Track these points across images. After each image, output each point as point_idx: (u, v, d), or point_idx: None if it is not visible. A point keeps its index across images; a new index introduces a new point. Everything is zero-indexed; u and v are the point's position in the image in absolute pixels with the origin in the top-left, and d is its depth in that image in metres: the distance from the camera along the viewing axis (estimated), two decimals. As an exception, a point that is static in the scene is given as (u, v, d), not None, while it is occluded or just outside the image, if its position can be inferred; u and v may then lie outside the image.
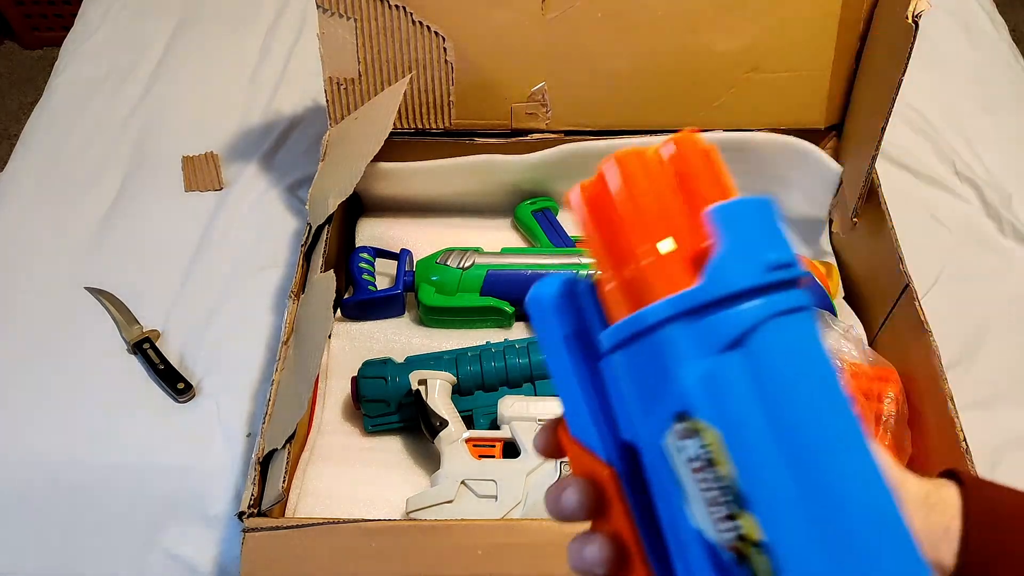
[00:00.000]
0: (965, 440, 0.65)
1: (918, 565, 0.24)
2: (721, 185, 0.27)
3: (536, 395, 0.76)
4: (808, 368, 0.25)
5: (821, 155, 0.88)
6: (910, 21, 0.71)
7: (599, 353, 0.29)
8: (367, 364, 0.78)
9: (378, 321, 0.86)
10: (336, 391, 0.80)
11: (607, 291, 0.28)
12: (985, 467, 0.73)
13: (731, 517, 0.24)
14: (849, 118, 0.89)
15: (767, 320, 0.25)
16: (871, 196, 0.84)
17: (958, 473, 0.37)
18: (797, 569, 0.23)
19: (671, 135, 0.28)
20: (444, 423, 0.72)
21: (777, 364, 0.25)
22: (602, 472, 0.29)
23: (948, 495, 0.36)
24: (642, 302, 0.26)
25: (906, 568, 0.24)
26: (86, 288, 0.90)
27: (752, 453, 0.24)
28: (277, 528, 0.60)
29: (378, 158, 0.83)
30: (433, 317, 0.85)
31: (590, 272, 0.30)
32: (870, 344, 0.81)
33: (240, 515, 0.62)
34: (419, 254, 0.89)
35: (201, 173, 1.01)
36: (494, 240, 0.91)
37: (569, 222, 0.92)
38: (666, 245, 0.26)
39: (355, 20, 0.84)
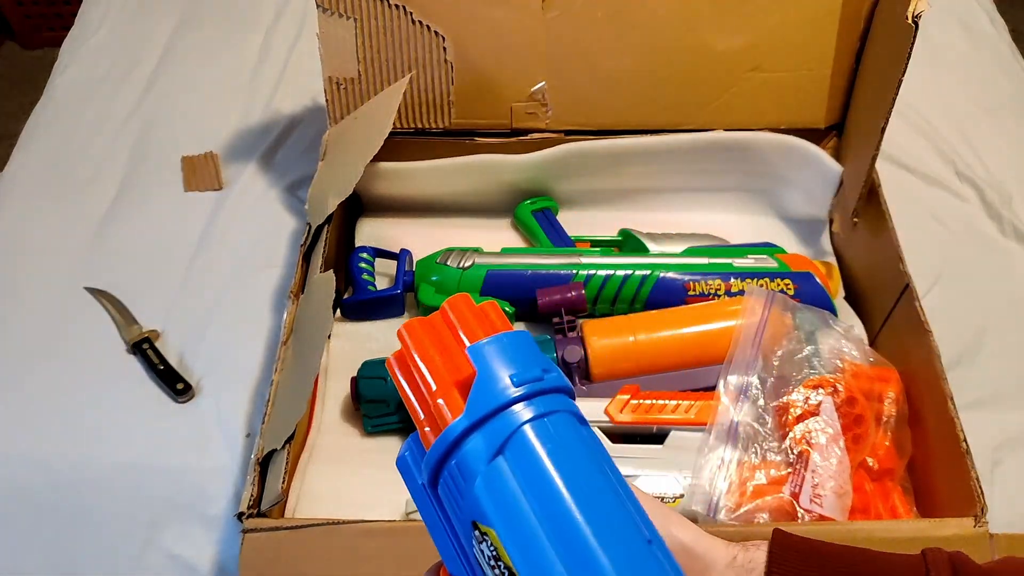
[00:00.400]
0: (965, 440, 0.65)
1: None
2: (489, 328, 0.33)
3: (536, 395, 0.76)
4: (565, 461, 0.29)
5: (821, 155, 0.88)
6: (910, 21, 0.71)
7: None
8: (366, 364, 0.78)
9: (378, 321, 0.86)
10: (336, 391, 0.80)
11: (425, 437, 0.33)
12: (985, 467, 0.73)
13: None
14: (849, 118, 0.89)
15: (520, 427, 0.29)
16: (871, 196, 0.84)
17: (776, 535, 0.44)
18: None
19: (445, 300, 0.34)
20: (444, 423, 0.72)
21: (533, 462, 0.29)
22: None
23: (756, 555, 0.42)
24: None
25: None
26: (85, 288, 0.90)
27: (519, 541, 0.28)
28: (276, 529, 0.60)
29: (378, 158, 0.83)
30: (433, 317, 0.85)
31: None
32: (870, 344, 0.81)
33: (239, 516, 0.62)
34: (419, 254, 0.89)
35: (201, 173, 1.01)
36: (494, 240, 0.90)
37: (569, 222, 0.92)
38: (439, 390, 0.31)
39: (355, 20, 0.84)
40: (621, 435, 0.71)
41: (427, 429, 0.33)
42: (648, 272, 0.82)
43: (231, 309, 0.88)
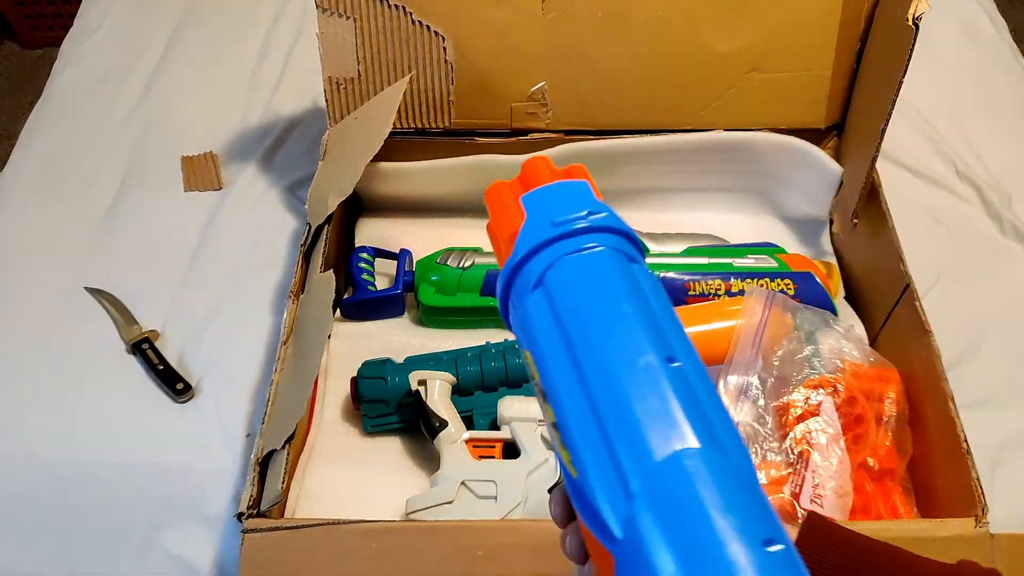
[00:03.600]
0: (966, 440, 0.65)
1: (676, 430, 0.29)
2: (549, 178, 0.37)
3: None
4: (589, 290, 0.32)
5: (821, 155, 0.88)
6: (910, 23, 0.71)
7: None
8: (366, 364, 0.78)
9: (378, 321, 0.86)
10: (335, 391, 0.80)
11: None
12: (985, 467, 0.73)
13: (545, 411, 0.32)
14: (849, 118, 0.89)
15: (554, 264, 0.33)
16: (872, 196, 0.84)
17: (811, 517, 0.45)
18: (571, 433, 0.30)
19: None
20: (444, 423, 0.72)
21: (564, 292, 0.32)
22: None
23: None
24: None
25: (664, 430, 0.29)
26: (85, 288, 0.90)
27: (545, 360, 0.32)
28: (276, 529, 0.60)
29: (378, 158, 0.83)
30: (433, 317, 0.85)
31: None
32: (871, 344, 0.81)
33: (239, 516, 0.62)
34: (419, 254, 0.89)
35: (200, 173, 1.01)
36: (494, 240, 0.90)
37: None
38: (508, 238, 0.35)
39: (355, 20, 0.84)
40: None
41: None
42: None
43: (231, 309, 0.88)
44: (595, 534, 0.28)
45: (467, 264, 0.85)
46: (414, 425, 0.76)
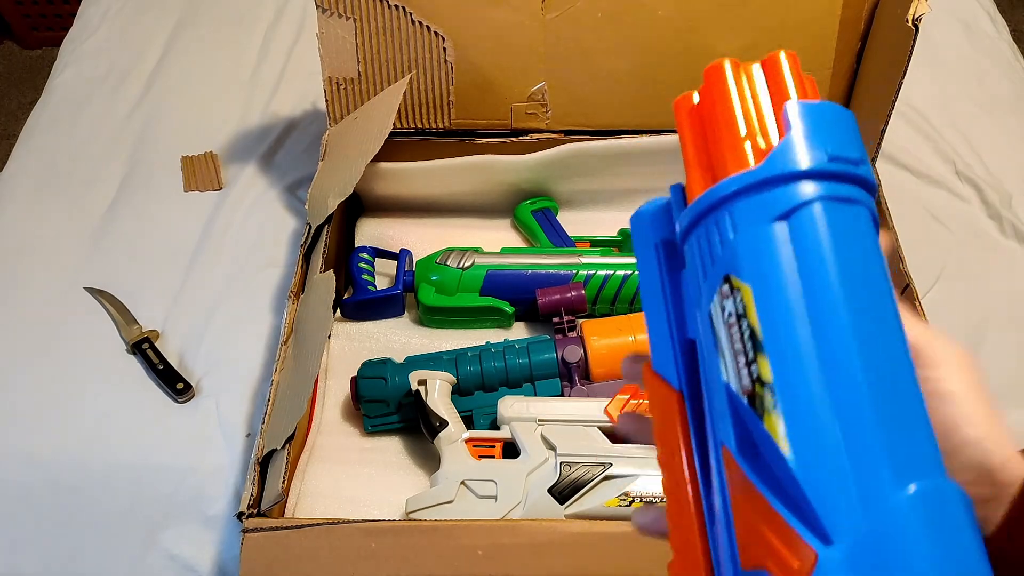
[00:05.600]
0: (965, 440, 0.65)
1: (921, 419, 0.26)
2: (806, 91, 0.30)
3: (536, 395, 0.76)
4: (847, 250, 0.27)
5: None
6: (910, 24, 0.71)
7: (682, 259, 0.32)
8: (367, 364, 0.78)
9: (378, 321, 0.86)
10: (336, 391, 0.80)
11: (697, 184, 0.30)
12: (985, 467, 0.73)
13: (748, 362, 0.27)
14: (849, 118, 0.89)
15: (816, 201, 0.27)
16: (871, 196, 0.84)
17: None
18: (799, 408, 0.26)
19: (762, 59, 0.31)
20: (444, 423, 0.72)
21: (817, 239, 0.27)
22: (670, 397, 0.32)
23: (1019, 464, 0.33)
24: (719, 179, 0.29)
25: (917, 448, 0.26)
26: (85, 288, 0.90)
27: (774, 305, 0.27)
28: (276, 528, 0.60)
29: (378, 158, 0.83)
30: (433, 317, 0.85)
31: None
32: (870, 344, 0.81)
33: (239, 515, 0.62)
34: (419, 254, 0.89)
35: (200, 173, 1.01)
36: (494, 240, 0.90)
37: (569, 222, 0.92)
38: (748, 135, 0.29)
39: (354, 20, 0.84)
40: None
41: (697, 173, 0.31)
42: (648, 272, 0.82)
43: (231, 309, 0.88)
44: (793, 524, 0.25)
45: (467, 264, 0.85)
46: (414, 425, 0.76)
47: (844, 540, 0.25)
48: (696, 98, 0.32)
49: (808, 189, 0.27)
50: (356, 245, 0.92)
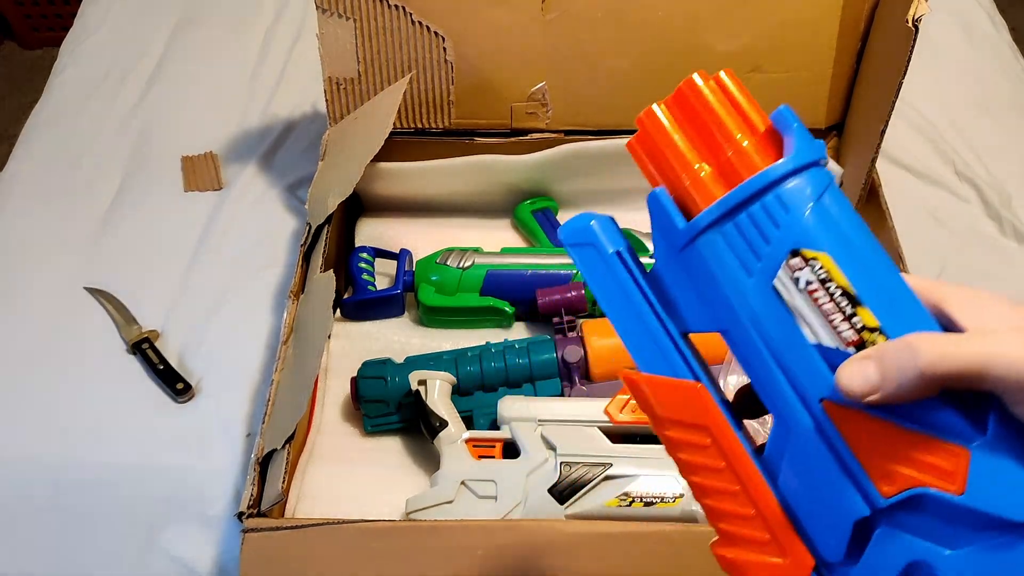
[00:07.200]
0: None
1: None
2: (751, 102, 0.36)
3: (536, 395, 0.76)
4: (857, 217, 0.33)
5: (821, 155, 0.88)
6: (910, 25, 0.71)
7: (663, 260, 0.35)
8: (367, 364, 0.78)
9: (378, 321, 0.86)
10: (336, 391, 0.80)
11: (696, 180, 0.34)
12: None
13: (848, 316, 0.31)
14: (850, 118, 0.89)
15: (832, 179, 0.33)
16: (871, 196, 0.84)
17: None
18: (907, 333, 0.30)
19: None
20: (444, 423, 0.72)
21: (846, 209, 0.32)
22: (689, 388, 0.35)
23: None
24: (742, 177, 0.33)
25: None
26: (85, 288, 0.90)
27: (858, 263, 0.31)
28: (276, 528, 0.60)
29: (378, 158, 0.83)
30: (433, 317, 0.85)
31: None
32: (870, 344, 0.81)
33: (239, 515, 0.62)
34: (419, 254, 0.89)
35: (200, 173, 1.01)
36: (494, 240, 0.90)
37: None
38: (745, 137, 0.34)
39: (354, 20, 0.84)
40: (621, 435, 0.71)
41: (706, 172, 0.34)
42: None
43: (231, 309, 0.88)
44: (936, 435, 0.29)
45: (467, 264, 0.85)
46: (414, 425, 0.76)
47: (986, 430, 0.29)
48: (660, 112, 0.36)
49: (829, 169, 0.33)
50: (356, 245, 0.92)
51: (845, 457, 0.31)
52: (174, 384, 0.81)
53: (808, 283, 0.31)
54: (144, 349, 0.84)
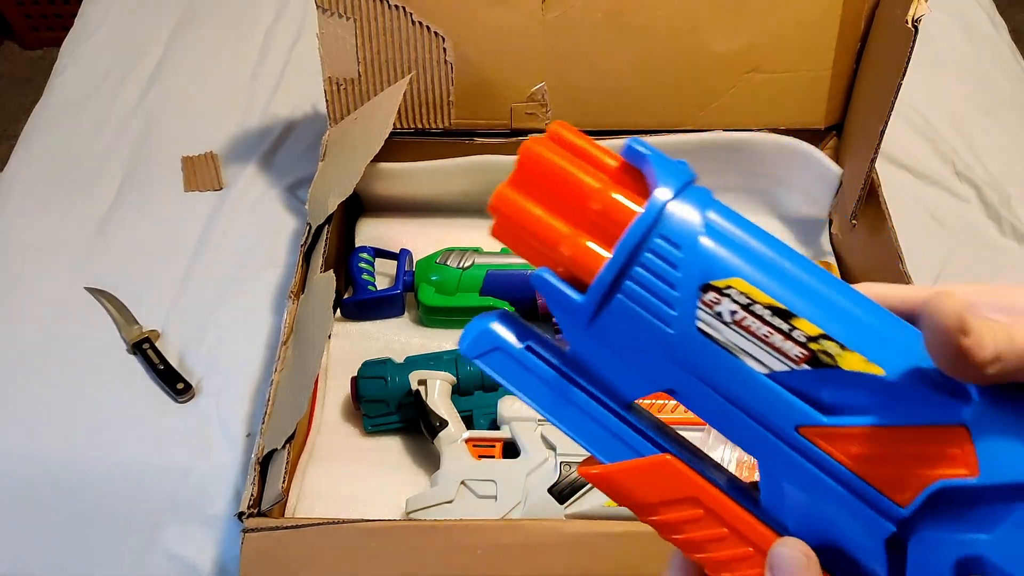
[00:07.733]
0: (965, 440, 0.65)
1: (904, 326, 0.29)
2: (594, 144, 0.33)
3: (536, 395, 0.76)
4: (751, 224, 0.30)
5: (821, 156, 0.88)
6: (910, 25, 0.71)
7: (577, 338, 0.32)
8: (367, 364, 0.78)
9: (378, 321, 0.86)
10: (336, 391, 0.80)
11: (575, 248, 0.31)
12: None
13: (788, 333, 0.28)
14: (849, 118, 0.89)
15: (709, 193, 0.30)
16: (871, 196, 0.84)
17: None
18: (852, 334, 0.28)
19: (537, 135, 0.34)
20: (444, 423, 0.72)
21: (737, 221, 0.30)
22: (661, 463, 0.32)
23: None
24: (620, 227, 0.30)
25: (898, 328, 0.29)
26: (86, 288, 0.90)
27: (774, 274, 0.29)
28: (277, 528, 0.60)
29: (378, 158, 0.83)
30: (433, 317, 0.85)
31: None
32: (870, 344, 0.81)
33: (240, 515, 0.62)
34: (419, 254, 0.89)
35: (201, 173, 1.01)
36: (494, 240, 0.90)
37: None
38: (608, 181, 0.31)
39: (355, 20, 0.84)
40: (621, 435, 0.71)
41: (580, 240, 0.31)
42: (648, 272, 0.82)
43: (231, 309, 0.88)
44: (927, 423, 0.27)
45: (467, 264, 0.85)
46: (414, 425, 0.76)
47: (972, 400, 0.27)
48: (510, 193, 0.33)
49: (701, 187, 0.30)
50: (356, 245, 0.92)
51: (845, 478, 0.29)
52: (174, 384, 0.81)
53: (732, 313, 0.29)
54: (144, 349, 0.84)
